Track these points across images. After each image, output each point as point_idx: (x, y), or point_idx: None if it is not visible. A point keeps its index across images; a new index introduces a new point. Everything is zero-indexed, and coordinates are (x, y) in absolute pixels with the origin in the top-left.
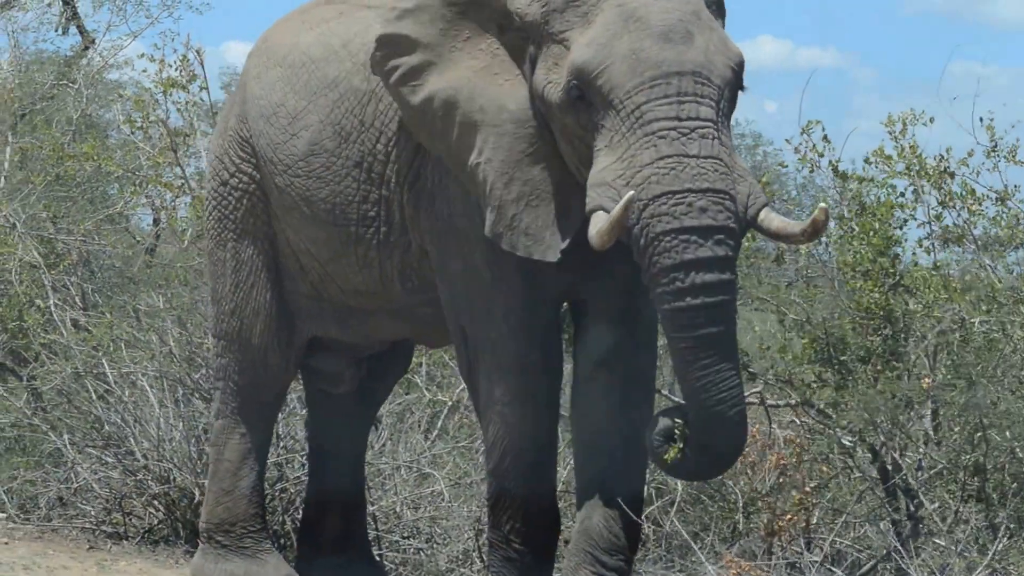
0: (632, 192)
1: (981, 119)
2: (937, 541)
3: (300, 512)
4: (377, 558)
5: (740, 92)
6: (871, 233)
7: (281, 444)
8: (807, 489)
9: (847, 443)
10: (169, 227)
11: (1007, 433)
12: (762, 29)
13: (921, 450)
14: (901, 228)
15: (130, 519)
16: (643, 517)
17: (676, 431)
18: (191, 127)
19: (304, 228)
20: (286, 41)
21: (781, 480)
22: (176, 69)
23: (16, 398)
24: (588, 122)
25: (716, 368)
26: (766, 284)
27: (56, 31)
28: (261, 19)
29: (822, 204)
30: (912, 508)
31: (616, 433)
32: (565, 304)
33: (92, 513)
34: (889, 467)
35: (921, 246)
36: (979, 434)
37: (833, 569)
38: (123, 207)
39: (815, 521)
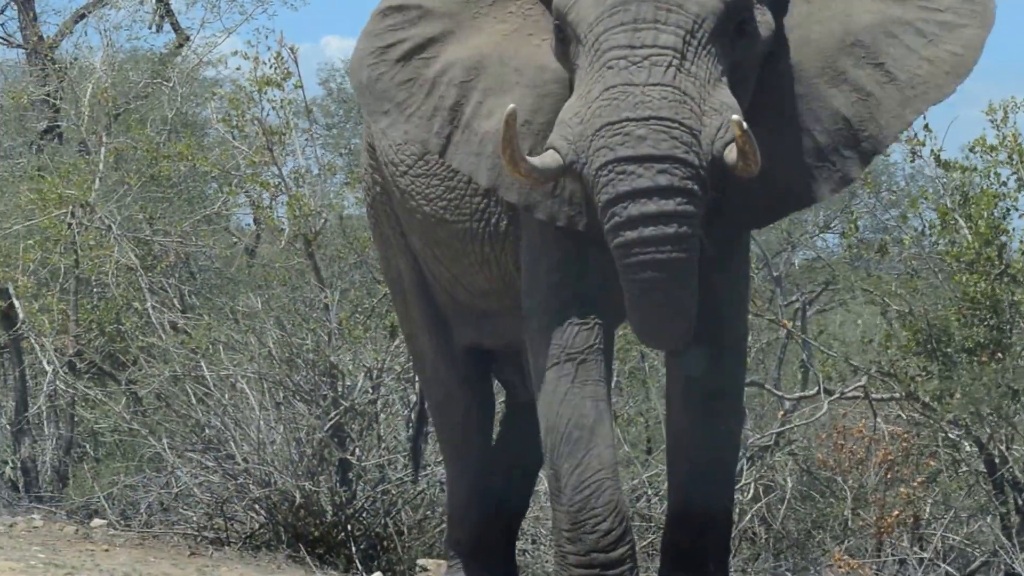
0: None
1: None
2: None
3: (402, 515)
4: None
5: (751, 21)
6: (977, 222)
7: (383, 445)
8: (915, 484)
9: (953, 437)
10: (267, 227)
11: None
12: None
13: None
14: (1004, 217)
15: (231, 524)
16: (735, 528)
17: None
18: (287, 125)
19: (427, 230)
20: None
21: (888, 475)
22: (270, 67)
23: (115, 402)
24: (572, 65)
25: (653, 305)
26: (874, 276)
27: (149, 28)
28: (361, 14)
29: (734, 116)
30: (1020, 502)
31: (700, 441)
32: None
33: (193, 518)
34: (996, 460)
35: None
36: None
37: (942, 565)
38: (221, 207)
39: (926, 516)
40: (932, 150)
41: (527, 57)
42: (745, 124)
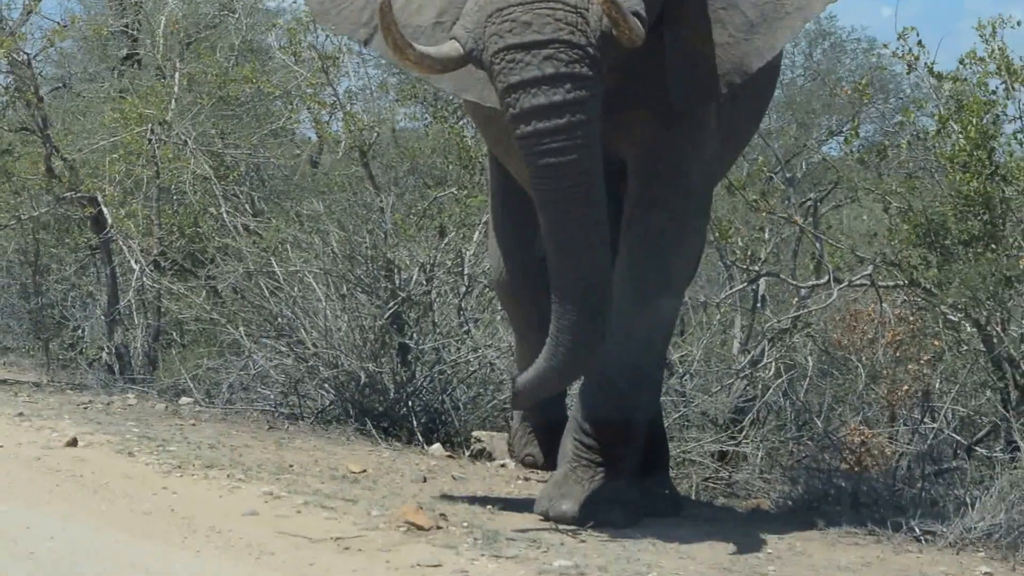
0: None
1: None
2: None
3: (457, 392)
4: None
5: None
6: (968, 128)
7: (437, 331)
8: (922, 361)
9: (953, 319)
10: (326, 139)
11: None
12: None
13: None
14: (994, 123)
15: (304, 401)
16: (759, 401)
17: None
18: (339, 50)
19: (487, 132)
20: None
21: (897, 354)
22: None
23: (196, 296)
24: None
25: (556, 201)
26: (875, 178)
27: None
28: None
29: None
30: (1018, 378)
31: (617, 299)
32: None
33: (270, 397)
34: (994, 340)
35: (1015, 138)
36: None
37: (951, 434)
38: (285, 122)
39: (935, 391)
40: (926, 63)
41: None
42: None
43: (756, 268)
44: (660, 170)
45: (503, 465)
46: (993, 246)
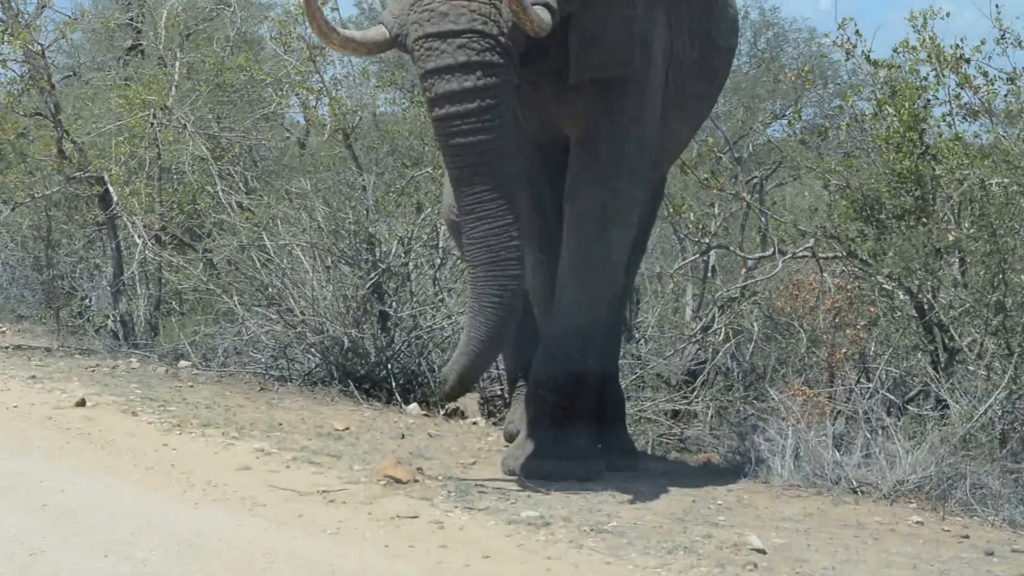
0: None
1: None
2: (970, 368)
3: (432, 356)
4: None
5: None
6: (902, 111)
7: (415, 299)
8: (859, 326)
9: (888, 287)
10: (313, 123)
11: None
12: None
13: (952, 292)
14: (925, 107)
15: (292, 364)
16: (709, 364)
17: None
18: None
19: None
20: None
21: (836, 320)
22: None
23: (194, 267)
24: None
25: (464, 179)
26: (816, 157)
27: None
28: None
29: None
30: (946, 341)
31: (562, 269)
32: None
33: (261, 360)
34: (925, 307)
35: (944, 120)
36: (1000, 276)
37: (885, 393)
38: (275, 107)
39: (870, 353)
40: (863, 51)
41: None
42: None
43: (707, 241)
44: (600, 146)
45: (475, 423)
46: (924, 220)
